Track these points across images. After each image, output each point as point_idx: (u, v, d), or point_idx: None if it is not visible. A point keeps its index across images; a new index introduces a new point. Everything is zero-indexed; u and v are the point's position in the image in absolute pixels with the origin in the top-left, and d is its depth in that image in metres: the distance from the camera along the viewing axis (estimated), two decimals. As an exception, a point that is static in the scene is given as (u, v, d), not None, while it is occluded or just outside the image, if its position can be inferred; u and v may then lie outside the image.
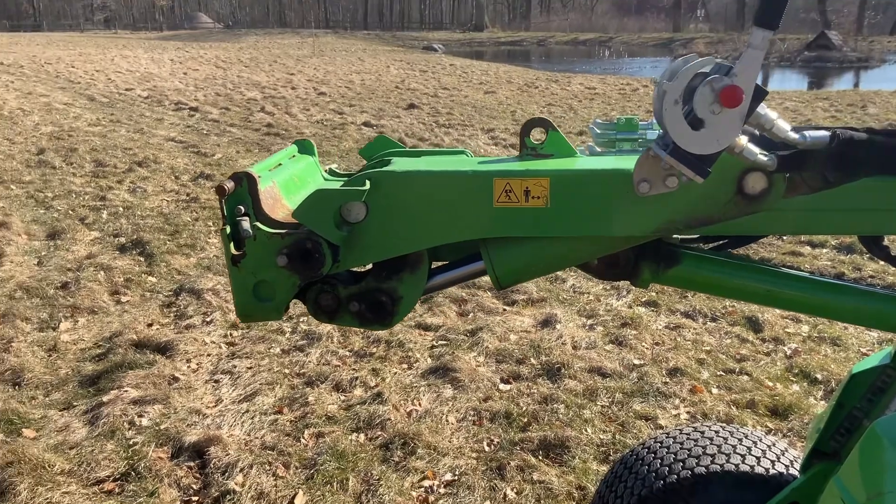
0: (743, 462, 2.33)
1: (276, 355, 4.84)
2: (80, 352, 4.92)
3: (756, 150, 1.41)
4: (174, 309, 5.59)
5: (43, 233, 7.46)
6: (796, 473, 2.28)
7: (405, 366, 4.71)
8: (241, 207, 1.57)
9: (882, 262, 1.92)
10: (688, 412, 4.14)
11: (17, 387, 4.44)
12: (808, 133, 1.43)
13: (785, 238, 7.02)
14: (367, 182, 1.55)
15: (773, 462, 2.35)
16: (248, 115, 15.74)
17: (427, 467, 3.66)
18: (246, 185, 1.57)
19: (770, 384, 4.43)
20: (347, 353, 4.86)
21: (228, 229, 1.57)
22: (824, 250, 6.79)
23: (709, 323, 5.34)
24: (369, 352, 4.88)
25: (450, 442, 3.87)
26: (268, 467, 3.64)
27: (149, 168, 10.42)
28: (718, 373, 4.60)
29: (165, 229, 7.53)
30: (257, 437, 3.90)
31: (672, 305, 5.60)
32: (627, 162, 1.51)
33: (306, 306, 1.68)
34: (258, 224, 1.55)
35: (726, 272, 1.80)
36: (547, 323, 5.26)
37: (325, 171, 1.93)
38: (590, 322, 5.35)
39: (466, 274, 1.74)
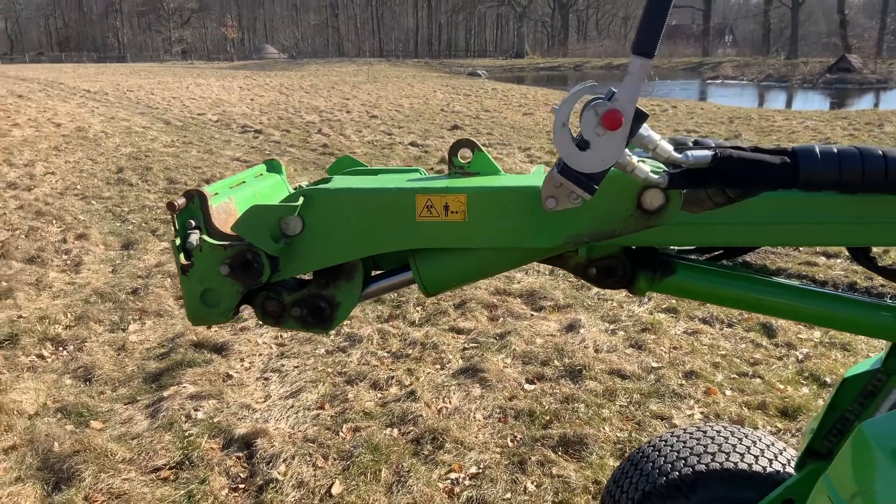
0: (741, 460, 2.28)
1: (321, 355, 4.86)
2: (146, 351, 5.01)
3: (647, 168, 1.37)
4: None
5: (118, 243, 7.62)
6: (792, 472, 2.22)
7: (438, 366, 4.70)
8: (192, 221, 1.59)
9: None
10: (701, 412, 4.06)
11: (87, 382, 4.54)
12: (690, 153, 1.39)
13: (801, 249, 6.85)
14: (301, 198, 1.57)
15: (770, 461, 2.29)
16: (306, 136, 15.92)
17: (454, 461, 3.64)
18: (197, 202, 1.60)
19: (781, 387, 4.32)
20: (385, 354, 4.87)
21: (178, 241, 1.59)
22: (838, 261, 6.61)
23: (725, 329, 5.23)
24: (405, 353, 4.88)
25: (476, 437, 3.85)
26: (308, 458, 3.66)
27: (215, 185, 10.59)
28: (732, 376, 4.50)
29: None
30: (300, 431, 3.93)
31: (691, 312, 5.51)
32: (539, 179, 1.49)
33: (254, 311, 1.68)
34: (204, 237, 1.57)
35: (719, 282, 1.77)
36: (571, 327, 5.21)
37: (295, 187, 1.92)
38: (612, 327, 5.28)
39: (399, 282, 1.73)
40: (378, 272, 1.75)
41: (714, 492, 2.24)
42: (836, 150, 1.37)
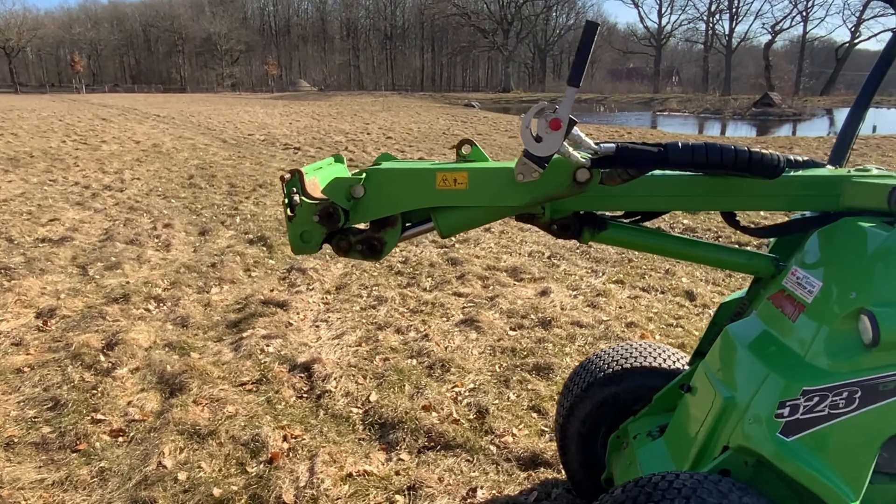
0: (654, 361, 2.73)
1: (357, 311, 5.29)
2: (226, 307, 5.43)
3: (578, 155, 1.80)
4: (287, 280, 6.08)
5: (196, 231, 8.03)
6: (687, 367, 2.67)
7: (444, 318, 5.13)
8: (294, 189, 1.96)
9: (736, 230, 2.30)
10: (638, 351, 4.50)
11: (184, 327, 4.95)
12: (602, 145, 1.83)
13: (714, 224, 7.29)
14: (364, 174, 1.95)
15: (674, 362, 2.73)
16: (335, 152, 16.24)
17: (457, 380, 4.06)
18: (297, 176, 1.96)
19: (697, 333, 4.75)
20: (405, 310, 5.30)
21: (287, 200, 1.94)
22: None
23: (659, 294, 5.67)
24: (420, 309, 5.31)
25: (473, 365, 4.28)
26: (352, 377, 4.07)
27: (267, 189, 10.97)
28: (662, 326, 4.95)
29: (280, 229, 8.02)
30: (345, 360, 4.34)
31: (634, 283, 5.95)
32: (512, 164, 1.90)
33: (331, 246, 1.99)
34: (303, 197, 1.92)
35: (635, 235, 2.20)
36: (544, 293, 5.64)
37: (352, 173, 2.36)
38: (574, 293, 5.72)
39: (424, 230, 2.07)
40: (409, 224, 2.12)
41: (636, 381, 2.67)
42: (691, 143, 1.84)
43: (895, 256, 1.75)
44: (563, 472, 2.86)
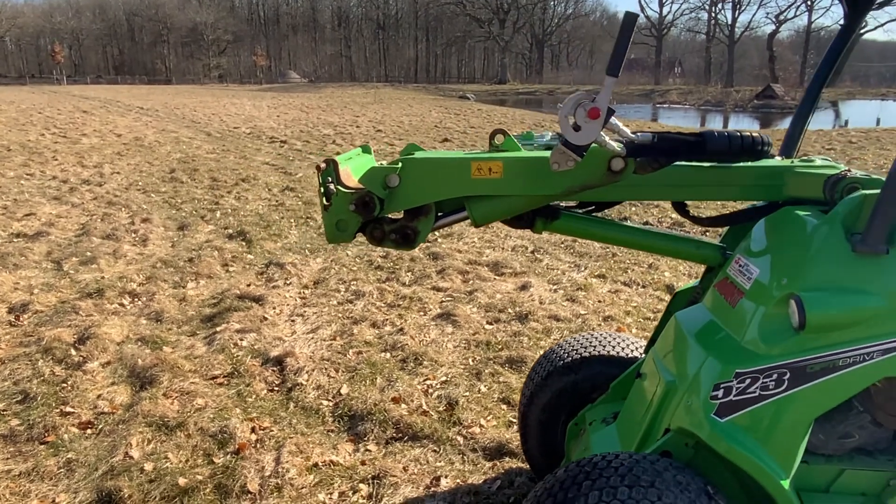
0: (612, 350, 2.85)
1: (334, 305, 5.41)
2: (201, 301, 5.54)
3: (615, 144, 1.89)
4: (265, 275, 6.19)
5: (175, 226, 8.12)
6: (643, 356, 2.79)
7: (421, 313, 5.25)
8: (329, 178, 2.04)
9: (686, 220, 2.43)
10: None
11: (158, 322, 5.06)
12: (639, 135, 1.94)
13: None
14: (400, 164, 2.04)
15: (631, 350, 2.86)
16: (322, 146, 16.38)
17: (430, 373, 4.18)
18: (332, 166, 2.05)
19: (674, 327, 4.88)
20: (382, 305, 5.42)
21: (323, 189, 2.00)
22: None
23: (640, 289, 5.80)
24: (397, 304, 5.43)
25: (447, 358, 4.39)
26: (324, 371, 4.18)
27: (249, 183, 11.06)
28: (639, 320, 5.08)
29: (260, 224, 8.12)
30: (318, 353, 4.45)
31: (616, 277, 6.08)
32: (546, 153, 2.00)
33: (365, 236, 2.06)
34: (338, 187, 1.98)
35: (586, 224, 2.33)
36: (524, 287, 5.75)
37: (378, 163, 2.46)
38: (555, 287, 5.84)
39: (456, 219, 2.17)
40: (441, 213, 2.19)
41: (594, 369, 2.80)
42: (727, 132, 1.98)
43: (825, 243, 1.88)
44: (526, 459, 2.99)
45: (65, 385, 3.99)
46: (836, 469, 2.10)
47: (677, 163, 2.04)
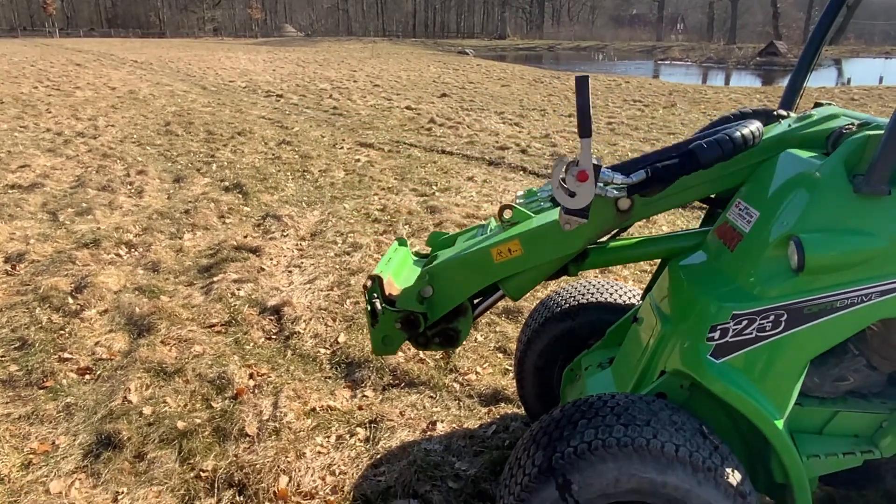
0: (609, 297, 2.85)
1: (331, 257, 5.40)
2: (198, 252, 5.53)
3: (615, 191, 1.95)
4: (262, 227, 6.17)
5: (170, 178, 8.06)
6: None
7: (419, 264, 5.23)
8: (375, 294, 2.10)
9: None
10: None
11: (155, 272, 5.05)
12: (632, 175, 1.95)
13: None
14: (427, 275, 2.11)
15: (628, 298, 2.86)
16: (319, 100, 16.17)
17: (427, 323, 4.20)
18: (377, 282, 2.10)
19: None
20: (379, 256, 5.40)
21: (369, 307, 2.09)
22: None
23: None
24: (395, 255, 5.41)
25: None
26: (321, 320, 4.20)
27: (245, 137, 10.95)
28: (636, 272, 5.06)
29: (256, 177, 8.07)
30: (315, 303, 4.46)
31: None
32: (554, 215, 2.03)
33: (411, 342, 2.16)
34: (385, 306, 2.07)
35: (617, 253, 2.31)
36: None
37: (413, 254, 2.44)
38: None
39: (495, 300, 2.24)
40: (477, 300, 2.25)
41: (591, 316, 2.81)
42: (715, 139, 1.92)
43: (826, 185, 1.86)
44: (521, 405, 3.01)
45: (62, 332, 4.00)
46: (829, 411, 2.12)
47: None
